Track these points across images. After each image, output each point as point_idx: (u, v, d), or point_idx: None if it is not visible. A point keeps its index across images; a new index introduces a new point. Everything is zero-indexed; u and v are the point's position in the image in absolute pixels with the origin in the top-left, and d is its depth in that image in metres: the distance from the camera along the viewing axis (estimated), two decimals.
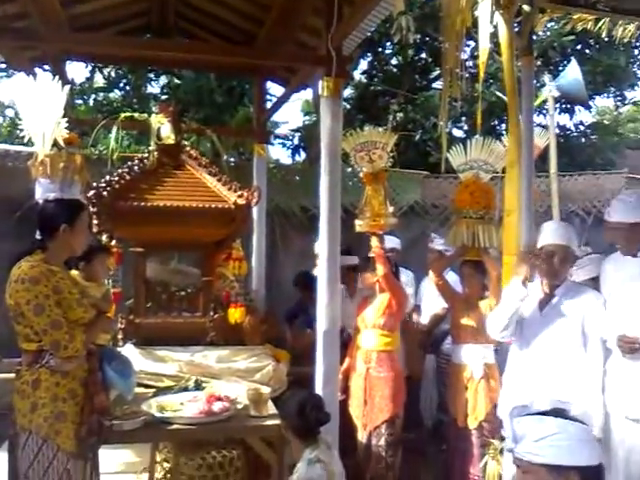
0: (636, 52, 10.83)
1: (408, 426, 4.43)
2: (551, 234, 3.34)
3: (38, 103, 3.21)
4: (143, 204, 3.81)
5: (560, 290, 3.31)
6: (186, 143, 4.64)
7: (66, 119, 3.36)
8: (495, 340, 3.80)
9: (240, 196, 4.01)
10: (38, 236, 2.83)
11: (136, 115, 4.80)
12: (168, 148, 4.25)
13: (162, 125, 4.36)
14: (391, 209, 4.34)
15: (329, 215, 3.80)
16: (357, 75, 11.67)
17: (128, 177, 4.03)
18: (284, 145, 11.26)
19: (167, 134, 4.33)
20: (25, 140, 3.40)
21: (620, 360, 3.13)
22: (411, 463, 4.47)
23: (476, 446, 3.99)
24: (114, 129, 4.63)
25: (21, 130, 3.39)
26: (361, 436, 4.18)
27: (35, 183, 3.19)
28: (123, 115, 4.71)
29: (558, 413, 1.84)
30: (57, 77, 5.79)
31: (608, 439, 3.08)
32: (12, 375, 3.74)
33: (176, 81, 10.44)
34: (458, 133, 11.11)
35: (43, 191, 3.08)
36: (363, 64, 11.68)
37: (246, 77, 8.67)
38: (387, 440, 4.10)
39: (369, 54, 11.33)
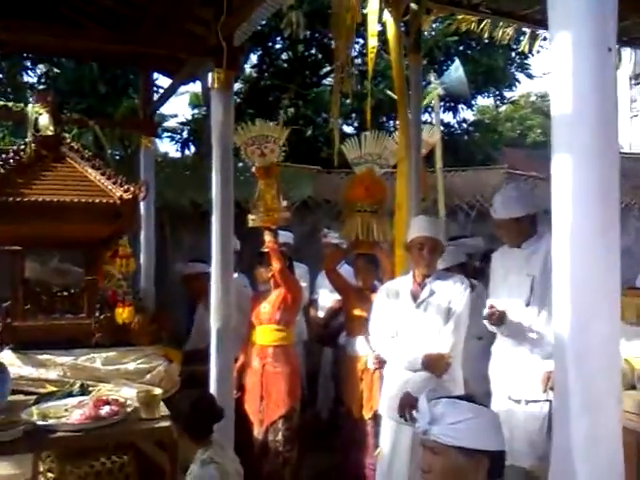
0: (513, 54, 11.43)
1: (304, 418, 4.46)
2: (419, 227, 3.52)
3: None
4: (19, 199, 3.56)
5: (430, 279, 3.47)
6: (67, 135, 4.40)
7: None
8: None
9: (126, 191, 3.83)
10: None
11: (11, 105, 4.49)
12: (47, 140, 4.00)
13: (40, 115, 4.10)
14: (284, 203, 4.33)
15: (221, 210, 3.71)
16: (247, 69, 11.57)
17: (2, 170, 3.76)
18: (172, 139, 10.95)
19: (45, 125, 4.07)
20: None
21: (503, 343, 3.32)
22: (308, 456, 4.48)
23: (371, 436, 4.06)
24: None
25: None
26: (257, 432, 4.15)
27: None
28: None
29: (469, 398, 1.90)
30: None
31: None
32: None
33: (55, 70, 9.87)
34: (348, 129, 11.28)
35: None
36: (253, 58, 11.59)
37: (131, 67, 8.33)
38: (284, 435, 4.10)
39: (259, 48, 11.24)
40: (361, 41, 8.73)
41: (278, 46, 11.63)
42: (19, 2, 5.98)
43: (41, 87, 9.81)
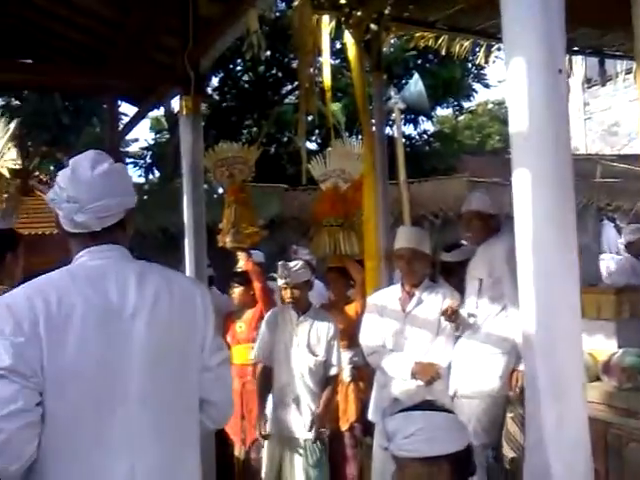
0: (470, 65, 11.76)
1: None
2: (402, 238, 3.60)
3: None
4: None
5: (419, 289, 3.55)
6: (34, 167, 4.43)
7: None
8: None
9: None
10: None
11: None
12: (15, 173, 4.03)
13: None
14: (261, 222, 4.40)
15: (194, 233, 3.80)
16: (209, 91, 11.65)
17: None
18: (136, 164, 10.98)
19: (12, 158, 4.11)
20: None
21: (459, 345, 3.45)
22: None
23: (349, 447, 4.12)
24: None
25: None
26: (238, 452, 4.17)
27: None
28: None
29: (427, 405, 1.97)
30: None
31: None
32: None
33: (16, 102, 9.83)
34: (312, 146, 11.46)
35: None
36: (215, 81, 11.71)
37: (96, 97, 8.37)
38: None
39: (220, 71, 11.38)
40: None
41: (239, 68, 11.79)
42: None
43: (1, 119, 9.75)
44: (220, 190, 4.51)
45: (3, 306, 1.47)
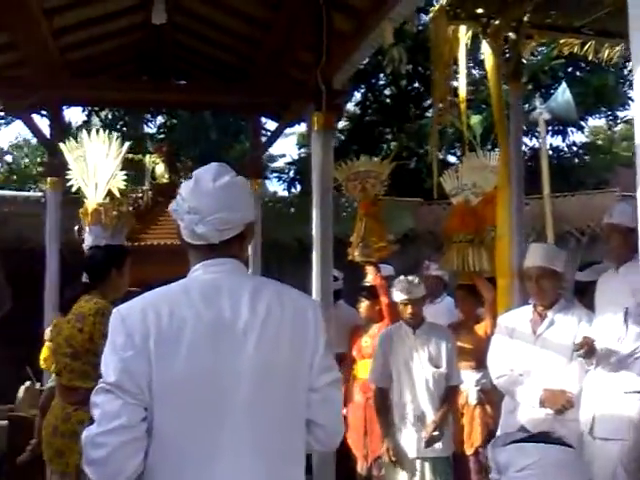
0: (625, 72, 10.97)
1: None
2: (534, 256, 3.38)
3: (91, 157, 3.33)
4: (137, 244, 3.87)
5: (553, 310, 3.33)
6: (182, 181, 4.73)
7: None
8: None
9: None
10: (85, 279, 3.02)
11: (131, 156, 4.90)
12: (162, 187, 4.33)
13: (156, 165, 4.46)
14: (390, 237, 4.38)
15: (321, 246, 3.85)
16: (351, 107, 11.85)
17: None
18: (280, 178, 11.39)
19: (161, 173, 4.43)
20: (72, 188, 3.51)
21: (591, 376, 3.13)
22: None
23: (474, 472, 3.95)
24: None
25: (17, 175, 3.53)
26: (361, 467, 4.14)
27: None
28: None
29: (543, 436, 1.83)
30: (54, 122, 5.94)
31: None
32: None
33: (173, 121, 10.60)
34: (452, 159, 11.24)
35: (94, 238, 3.25)
36: (357, 96, 11.88)
37: (240, 114, 8.81)
38: None
39: (363, 86, 11.52)
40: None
41: (381, 82, 11.87)
42: (137, 63, 6.57)
43: (160, 137, 10.57)
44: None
45: (118, 318, 1.51)
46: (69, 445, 2.66)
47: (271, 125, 8.34)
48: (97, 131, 3.50)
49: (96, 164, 3.34)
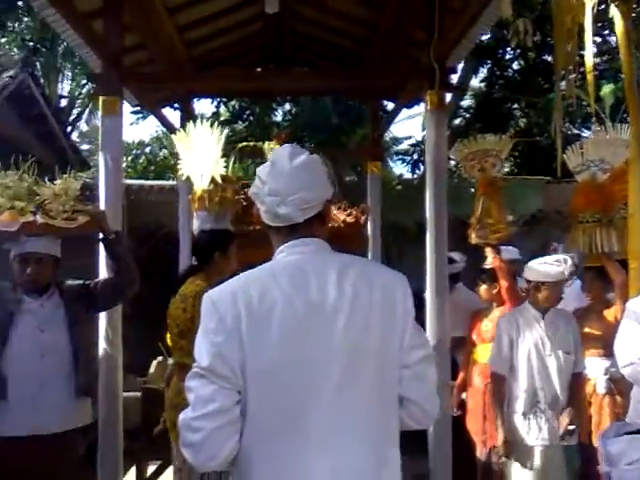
0: None
1: None
2: None
3: (197, 146, 3.52)
4: (253, 227, 4.00)
5: None
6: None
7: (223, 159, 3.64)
8: None
9: (349, 215, 4.10)
10: (194, 262, 3.21)
11: (252, 144, 5.06)
12: None
13: None
14: (510, 218, 4.22)
15: (435, 227, 3.79)
16: (476, 83, 11.47)
17: (245, 203, 4.25)
18: (403, 161, 11.29)
19: None
20: (183, 177, 3.73)
21: None
22: None
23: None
24: (232, 159, 4.93)
25: (155, 166, 3.79)
26: (480, 453, 4.06)
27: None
28: (239, 145, 4.99)
29: None
30: (184, 115, 6.28)
31: None
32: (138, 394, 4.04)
33: (296, 108, 10.82)
34: (587, 134, 10.55)
35: (200, 223, 3.44)
36: (482, 72, 11.47)
37: (359, 98, 8.83)
38: None
39: (488, 61, 11.10)
40: (597, 39, 8.18)
41: (508, 56, 11.37)
42: (259, 53, 6.77)
43: (285, 125, 10.84)
44: None
45: (209, 302, 1.54)
46: None
47: (392, 107, 8.29)
48: (201, 120, 3.64)
49: (201, 152, 3.47)
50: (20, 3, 11.48)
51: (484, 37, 9.96)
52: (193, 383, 1.49)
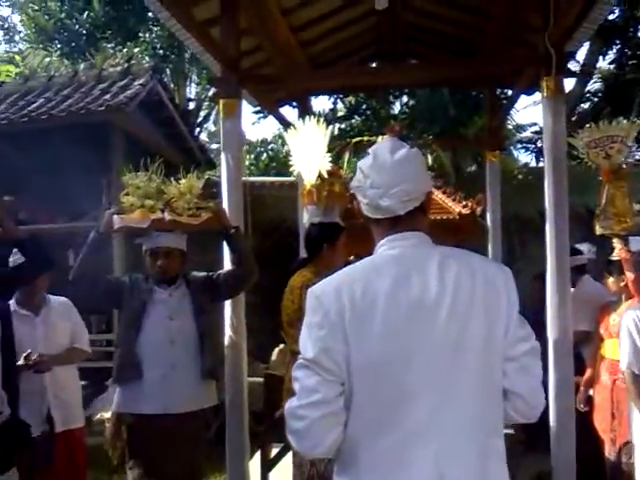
0: None
1: None
2: None
3: (306, 143, 3.66)
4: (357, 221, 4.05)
5: None
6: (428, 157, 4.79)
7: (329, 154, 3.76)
8: None
9: (464, 206, 4.06)
10: (305, 254, 3.37)
11: (366, 139, 5.13)
12: None
13: None
14: (637, 207, 4.00)
15: (555, 217, 3.66)
16: (605, 65, 10.82)
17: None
18: (527, 149, 10.89)
19: None
20: (295, 173, 3.89)
21: None
22: None
23: None
24: (346, 154, 5.03)
25: (279, 164, 3.98)
26: (608, 452, 3.87)
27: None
28: (354, 140, 5.08)
29: None
30: (301, 112, 6.46)
31: None
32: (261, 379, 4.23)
33: (412, 101, 10.74)
34: None
35: (309, 216, 3.60)
36: (611, 53, 10.79)
37: (475, 87, 8.62)
38: None
39: (617, 41, 10.43)
40: None
41: None
42: (373, 48, 6.80)
43: (402, 117, 10.79)
44: None
45: (313, 297, 1.57)
46: None
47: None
48: (310, 117, 3.73)
49: (309, 148, 3.57)
50: (150, 14, 12.24)
51: (611, 16, 9.38)
52: (299, 373, 1.55)
